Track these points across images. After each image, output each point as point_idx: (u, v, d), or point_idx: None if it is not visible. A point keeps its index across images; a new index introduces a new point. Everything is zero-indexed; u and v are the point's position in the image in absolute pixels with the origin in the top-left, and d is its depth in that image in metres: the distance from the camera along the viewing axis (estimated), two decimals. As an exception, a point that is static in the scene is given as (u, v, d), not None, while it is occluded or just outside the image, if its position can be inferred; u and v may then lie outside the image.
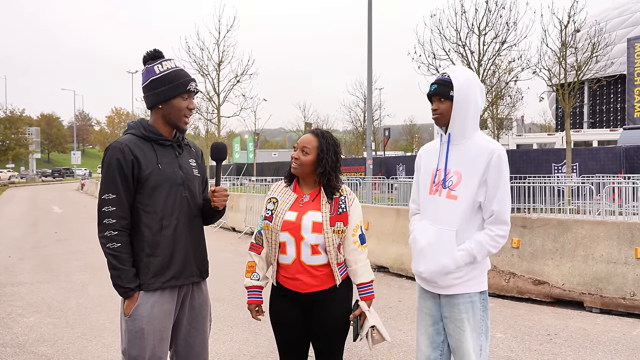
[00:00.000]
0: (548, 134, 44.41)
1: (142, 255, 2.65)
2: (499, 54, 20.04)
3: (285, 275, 2.87)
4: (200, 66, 24.57)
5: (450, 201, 2.74)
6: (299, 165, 2.89)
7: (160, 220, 2.66)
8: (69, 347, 5.15)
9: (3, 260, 10.24)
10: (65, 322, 6.01)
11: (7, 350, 5.11)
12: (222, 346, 5.16)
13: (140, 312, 2.61)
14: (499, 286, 6.93)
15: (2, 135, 51.69)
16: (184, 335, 2.83)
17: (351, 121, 54.91)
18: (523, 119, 61.72)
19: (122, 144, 2.63)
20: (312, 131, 2.95)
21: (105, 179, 2.63)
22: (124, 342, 2.66)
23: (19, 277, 8.65)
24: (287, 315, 2.91)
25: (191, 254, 2.78)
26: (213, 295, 7.00)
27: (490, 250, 2.69)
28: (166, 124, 2.79)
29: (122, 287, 2.59)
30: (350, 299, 2.95)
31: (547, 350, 4.91)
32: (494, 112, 41.04)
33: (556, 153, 22.14)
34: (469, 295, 2.74)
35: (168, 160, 2.74)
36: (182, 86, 2.75)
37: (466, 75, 2.76)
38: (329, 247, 2.81)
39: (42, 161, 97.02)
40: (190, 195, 2.79)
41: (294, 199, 2.91)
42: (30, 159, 72.65)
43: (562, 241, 6.64)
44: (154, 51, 2.79)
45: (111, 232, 2.59)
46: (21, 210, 23.51)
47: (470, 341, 2.73)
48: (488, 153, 2.68)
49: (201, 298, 2.88)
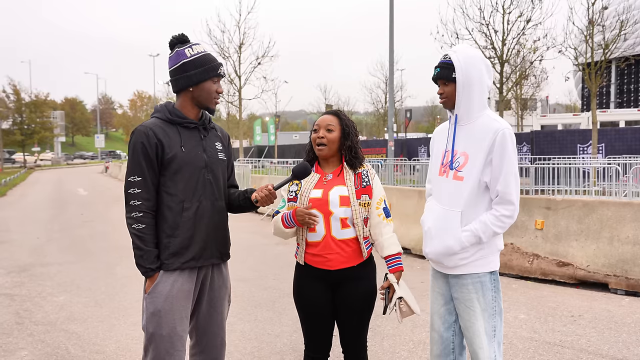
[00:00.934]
0: (573, 114, 43.65)
1: (162, 236, 2.70)
2: (523, 33, 19.67)
3: (314, 253, 2.89)
4: (221, 48, 24.60)
5: (456, 182, 2.74)
6: (326, 144, 2.91)
7: (181, 202, 2.71)
8: (98, 326, 5.28)
9: (32, 242, 10.50)
10: (94, 301, 6.16)
11: (39, 327, 5.26)
12: (247, 325, 5.25)
13: (159, 290, 2.68)
14: (523, 268, 6.90)
15: (27, 119, 52.40)
16: (203, 315, 2.89)
17: (372, 103, 54.58)
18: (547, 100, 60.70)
19: (146, 128, 2.68)
20: (329, 112, 3.01)
21: (131, 162, 2.69)
22: (143, 319, 2.73)
23: (47, 257, 8.87)
24: (314, 294, 2.94)
25: (212, 236, 2.81)
26: (237, 276, 7.13)
27: (496, 230, 2.67)
28: (195, 106, 2.82)
29: (144, 267, 2.66)
30: (374, 275, 2.98)
31: (570, 332, 4.90)
32: (518, 93, 40.47)
33: (581, 134, 21.77)
34: (477, 276, 2.74)
35: (192, 144, 2.77)
36: (213, 70, 2.78)
37: (468, 55, 2.72)
38: (356, 220, 2.84)
39: (66, 144, 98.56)
40: (213, 178, 2.82)
41: (318, 178, 2.95)
42: (55, 142, 73.84)
43: (587, 223, 6.57)
44: (180, 35, 2.81)
45: (137, 214, 2.65)
46: (47, 192, 23.98)
47: (481, 321, 2.72)
48: (493, 132, 2.65)
49: (221, 280, 2.94)
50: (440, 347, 2.94)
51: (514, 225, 7.20)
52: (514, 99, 42.81)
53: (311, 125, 3.23)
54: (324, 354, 3.04)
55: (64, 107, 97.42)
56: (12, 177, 33.21)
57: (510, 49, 19.75)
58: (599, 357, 4.31)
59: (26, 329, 5.24)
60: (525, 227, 7.10)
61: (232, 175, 3.06)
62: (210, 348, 2.97)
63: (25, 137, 52.40)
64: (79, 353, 4.58)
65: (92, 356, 4.51)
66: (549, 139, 22.08)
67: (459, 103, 2.74)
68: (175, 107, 2.79)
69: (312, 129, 3.02)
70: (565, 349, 4.50)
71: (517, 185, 2.69)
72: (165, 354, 2.73)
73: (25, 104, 52.49)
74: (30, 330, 5.18)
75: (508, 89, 22.06)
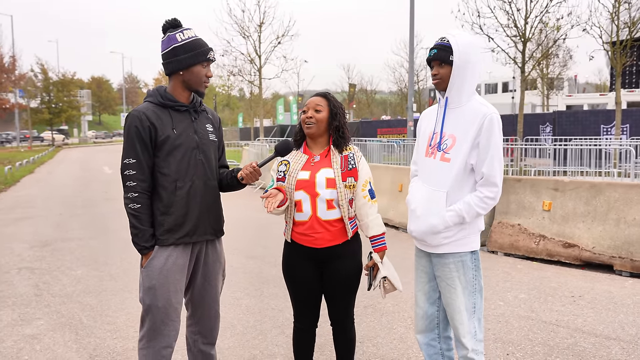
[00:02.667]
0: (600, 94, 42.66)
1: (157, 214, 2.87)
2: (547, 11, 19.27)
3: (301, 232, 3.03)
4: (241, 27, 24.65)
5: (443, 164, 2.83)
6: (314, 123, 3.02)
7: (174, 182, 2.85)
8: (111, 298, 5.53)
9: (55, 218, 10.87)
10: (109, 275, 6.42)
11: (55, 299, 5.53)
12: (252, 300, 5.44)
13: (154, 265, 2.85)
14: (529, 248, 6.95)
15: (55, 98, 53.29)
16: (198, 288, 3.06)
17: (395, 82, 54.12)
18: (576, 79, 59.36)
19: (140, 112, 2.82)
20: (318, 94, 3.13)
21: (126, 145, 2.84)
22: (140, 292, 2.91)
23: (69, 233, 9.20)
24: (302, 270, 3.09)
25: (205, 213, 2.96)
26: (248, 254, 7.34)
27: (479, 211, 2.76)
28: (185, 90, 2.94)
29: (139, 244, 2.84)
30: (360, 253, 3.11)
31: (568, 311, 4.97)
32: (544, 72, 39.73)
33: (605, 114, 21.37)
34: (459, 255, 2.84)
35: (183, 126, 2.90)
36: (202, 54, 2.89)
37: (466, 40, 2.78)
38: (341, 202, 2.97)
39: (93, 123, 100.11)
40: (205, 159, 2.96)
41: (305, 160, 3.07)
42: (82, 121, 74.98)
43: (594, 204, 6.58)
44: (173, 20, 2.93)
45: (132, 194, 2.81)
46: (73, 170, 24.55)
47: (462, 298, 2.84)
48: (481, 117, 2.73)
49: (215, 255, 3.09)
50: (425, 322, 3.07)
51: (522, 207, 7.23)
52: (539, 78, 42.05)
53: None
54: (312, 326, 3.20)
55: (91, 86, 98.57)
56: (40, 155, 34.02)
57: (533, 28, 19.38)
58: (592, 336, 4.39)
59: (44, 300, 5.51)
60: (532, 208, 7.12)
61: (222, 156, 3.19)
62: (205, 319, 3.15)
63: (53, 116, 53.34)
64: (91, 323, 4.83)
65: (103, 327, 4.75)
66: (571, 119, 21.74)
67: (451, 86, 2.81)
68: (167, 90, 2.92)
69: (302, 110, 3.14)
70: (560, 327, 4.58)
71: (501, 168, 2.79)
72: (160, 323, 2.91)
73: (53, 83, 53.31)
74: (47, 302, 5.45)
75: (531, 68, 21.70)
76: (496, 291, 5.61)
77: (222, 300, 5.24)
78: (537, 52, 22.29)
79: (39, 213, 11.55)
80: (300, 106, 41.61)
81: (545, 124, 22.58)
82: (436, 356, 3.06)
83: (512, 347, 4.22)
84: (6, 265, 7.00)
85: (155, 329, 2.91)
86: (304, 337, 3.21)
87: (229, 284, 5.92)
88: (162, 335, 2.92)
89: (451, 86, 2.81)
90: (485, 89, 58.27)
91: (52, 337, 4.53)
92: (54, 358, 4.12)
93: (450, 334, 3.10)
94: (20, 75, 43.73)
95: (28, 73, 51.04)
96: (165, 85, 2.98)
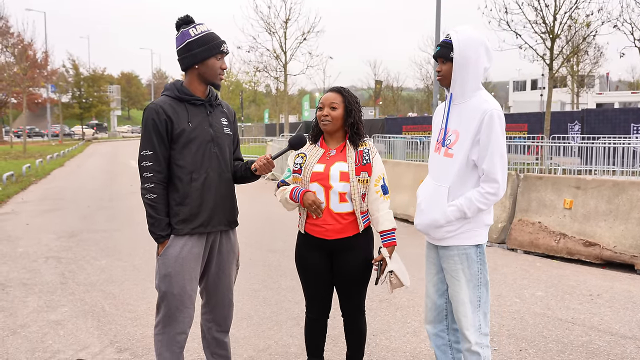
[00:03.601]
0: (632, 92, 41.71)
1: (173, 204, 2.96)
2: (576, 7, 18.94)
3: (313, 223, 3.10)
4: (267, 24, 24.80)
5: (447, 159, 2.87)
6: (330, 121, 3.08)
7: (190, 174, 2.94)
8: (133, 288, 5.68)
9: (83, 210, 11.14)
10: (132, 266, 6.58)
11: (80, 287, 5.71)
12: (270, 292, 5.53)
13: (169, 253, 2.94)
14: (549, 246, 6.89)
15: (85, 93, 54.34)
16: (212, 277, 3.16)
17: (422, 79, 53.83)
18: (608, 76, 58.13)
19: (157, 106, 2.91)
20: (332, 89, 3.16)
21: (143, 137, 2.94)
22: (156, 279, 3.01)
23: (95, 225, 9.43)
24: (314, 261, 3.16)
25: (219, 205, 3.05)
26: (269, 247, 7.44)
27: (480, 207, 2.79)
28: (201, 83, 3.03)
29: (156, 233, 2.93)
30: (371, 246, 3.17)
31: (585, 310, 4.94)
32: (574, 69, 38.97)
33: (636, 112, 20.97)
34: (463, 248, 2.87)
35: (199, 119, 2.99)
36: (216, 47, 2.97)
37: (468, 37, 2.80)
38: (354, 195, 3.03)
39: (122, 118, 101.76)
40: (219, 151, 3.05)
41: (322, 153, 3.13)
42: (112, 115, 76.32)
43: (616, 203, 6.50)
44: (185, 17, 3.02)
45: (149, 184, 2.91)
46: (102, 164, 25.06)
47: (466, 291, 2.87)
48: (482, 113, 2.76)
49: (229, 245, 3.18)
50: (433, 313, 3.12)
51: (543, 204, 7.18)
52: (569, 75, 41.30)
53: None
54: (322, 315, 3.27)
55: (120, 81, 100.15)
56: (70, 149, 34.78)
57: (562, 24, 19.08)
58: (607, 334, 4.37)
59: (69, 288, 5.70)
60: (553, 206, 7.06)
61: (237, 149, 3.27)
62: (219, 307, 3.24)
63: (84, 111, 54.40)
64: (113, 311, 4.98)
65: (124, 314, 4.89)
66: (600, 117, 21.36)
67: (454, 82, 2.85)
68: (183, 85, 3.01)
69: (318, 107, 3.19)
70: (576, 325, 4.56)
71: (503, 165, 2.80)
72: (175, 310, 3.01)
73: (84, 79, 54.35)
74: (72, 290, 5.63)
75: (559, 65, 21.34)
76: (513, 288, 5.60)
77: (240, 291, 5.40)
78: (567, 49, 21.89)
79: (68, 205, 11.85)
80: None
81: (574, 122, 22.22)
82: (444, 347, 3.11)
83: (525, 343, 4.22)
84: (34, 254, 7.23)
85: (170, 315, 3.01)
86: (315, 327, 3.28)
87: (248, 276, 6.02)
88: (176, 321, 3.02)
89: (454, 82, 2.85)
90: (514, 87, 57.48)
91: (75, 323, 4.69)
92: (76, 343, 4.27)
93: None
94: (52, 70, 44.61)
95: (60, 68, 52.02)
96: (182, 80, 3.07)
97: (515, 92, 56.23)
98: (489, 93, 2.92)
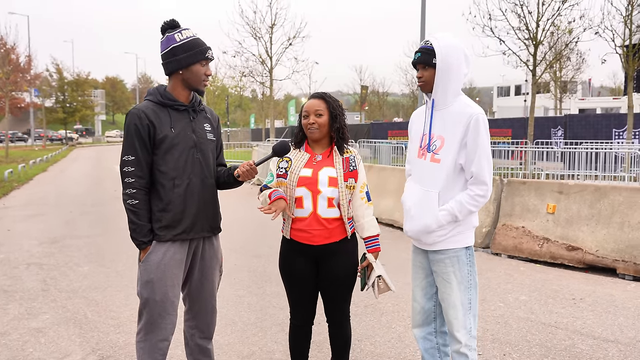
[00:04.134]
0: (614, 97, 42.29)
1: (155, 210, 2.93)
2: (559, 14, 19.16)
3: (299, 229, 3.09)
4: (253, 29, 24.77)
5: (434, 164, 2.89)
6: (317, 128, 3.08)
7: (172, 180, 2.92)
8: (116, 295, 5.62)
9: (66, 215, 11.02)
10: (115, 272, 6.52)
11: (62, 294, 5.64)
12: (254, 298, 5.50)
13: (151, 259, 2.92)
14: (532, 251, 6.95)
15: (69, 98, 53.90)
16: (195, 283, 3.13)
17: (407, 84, 54.09)
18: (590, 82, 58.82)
19: (139, 110, 2.89)
20: (315, 95, 3.15)
21: (125, 142, 2.91)
22: (138, 286, 2.98)
23: (78, 230, 9.33)
24: (299, 267, 3.15)
25: (202, 211, 3.03)
26: (253, 253, 7.41)
27: (471, 209, 2.83)
28: (185, 89, 3.01)
29: (137, 239, 2.91)
30: (356, 252, 3.17)
31: (568, 314, 4.98)
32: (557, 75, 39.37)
33: (617, 118, 21.23)
34: (454, 251, 2.90)
35: (182, 125, 2.97)
36: (201, 53, 2.96)
37: (448, 43, 2.83)
38: (342, 201, 3.04)
39: (107, 122, 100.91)
40: (202, 157, 3.03)
41: (307, 158, 3.12)
42: (96, 120, 75.82)
43: (598, 207, 6.57)
44: (171, 21, 3.00)
45: (131, 190, 2.88)
46: (86, 168, 24.81)
47: (457, 294, 2.89)
48: (467, 117, 2.79)
49: (212, 251, 3.16)
50: (422, 317, 3.13)
51: (527, 209, 7.24)
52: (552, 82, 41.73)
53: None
54: (307, 322, 3.25)
55: (105, 86, 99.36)
56: (54, 154, 34.41)
57: (545, 30, 19.29)
58: (590, 338, 4.40)
59: (50, 295, 5.62)
60: (537, 210, 7.12)
61: (220, 155, 3.26)
62: (202, 314, 3.22)
63: (68, 115, 53.93)
64: (95, 318, 4.92)
65: (107, 321, 4.84)
66: (583, 123, 21.62)
67: (436, 88, 2.87)
68: (166, 90, 2.99)
69: (302, 115, 3.17)
70: (559, 329, 4.60)
71: (490, 167, 2.85)
72: (157, 317, 2.98)
73: (68, 83, 53.96)
74: (54, 297, 5.55)
75: (542, 71, 21.56)
76: (497, 293, 5.63)
77: (224, 297, 5.37)
78: (549, 55, 22.14)
79: (50, 210, 11.71)
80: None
81: (557, 127, 22.46)
82: (432, 350, 3.12)
83: (509, 347, 4.24)
84: (15, 260, 7.13)
85: (152, 322, 2.98)
86: (299, 333, 3.27)
87: (233, 282, 5.99)
88: (159, 328, 2.99)
89: (436, 88, 2.87)
90: (498, 92, 58.01)
91: (57, 330, 4.63)
92: (58, 351, 4.21)
93: (446, 329, 3.14)
94: (35, 74, 44.10)
95: (43, 73, 51.48)
96: (165, 85, 3.05)
97: (500, 97, 56.72)
98: (472, 99, 2.95)
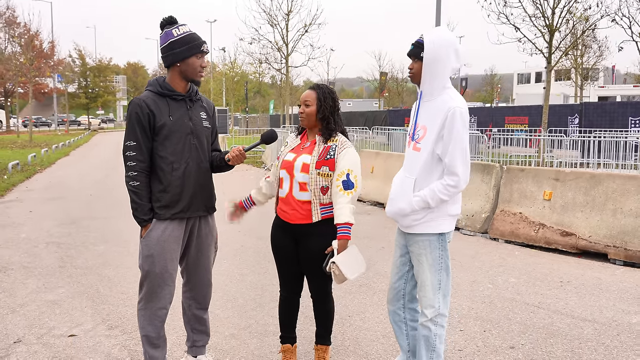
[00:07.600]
0: (634, 85, 41.61)
1: (155, 191, 3.26)
2: (575, 1, 19.02)
3: (281, 208, 3.43)
4: (269, 15, 24.99)
5: (415, 152, 3.14)
6: (305, 117, 3.37)
7: (171, 164, 3.23)
8: (127, 271, 6.00)
9: (85, 198, 11.49)
10: (128, 251, 6.90)
11: (77, 270, 6.04)
12: (256, 277, 5.83)
13: (152, 236, 3.24)
14: (528, 236, 7.16)
15: (91, 83, 54.72)
16: (192, 258, 3.46)
17: (426, 71, 53.61)
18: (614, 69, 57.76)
19: (140, 100, 3.20)
20: (310, 86, 3.46)
21: (127, 129, 3.22)
22: (140, 259, 3.30)
23: (95, 212, 9.77)
24: (283, 242, 3.48)
25: (198, 192, 3.34)
26: (259, 234, 7.73)
27: (442, 197, 3.03)
28: (182, 80, 3.30)
29: (139, 217, 3.24)
30: (329, 236, 3.33)
31: (553, 295, 5.21)
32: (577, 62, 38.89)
33: (634, 106, 21.04)
34: (426, 235, 3.13)
35: (179, 113, 3.27)
36: (197, 47, 3.25)
37: (438, 37, 3.04)
38: (310, 187, 3.31)
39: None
40: (198, 143, 3.33)
41: (297, 144, 3.44)
42: (118, 105, 76.80)
43: (592, 194, 6.75)
44: (169, 17, 3.30)
45: (132, 173, 3.20)
46: (106, 153, 25.38)
47: (427, 274, 3.15)
48: (446, 110, 3.00)
49: (207, 229, 3.47)
50: (392, 293, 3.42)
51: (524, 196, 7.44)
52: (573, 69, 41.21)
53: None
54: (293, 294, 3.58)
55: (127, 71, 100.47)
56: (76, 139, 35.17)
57: (561, 18, 19.17)
58: (569, 317, 4.64)
59: (67, 271, 6.02)
60: (534, 197, 7.32)
61: (215, 141, 3.56)
62: (198, 287, 3.54)
63: (90, 101, 54.80)
64: (106, 292, 5.30)
65: (117, 295, 5.21)
66: (599, 111, 21.46)
67: (423, 80, 3.11)
68: (165, 81, 3.29)
69: (298, 104, 3.49)
70: (540, 309, 4.84)
71: (464, 159, 3.00)
72: (157, 287, 3.31)
73: (90, 69, 54.70)
74: (69, 273, 5.95)
75: (558, 59, 21.42)
76: (488, 275, 5.88)
77: (229, 275, 5.72)
78: (565, 43, 21.97)
79: (71, 193, 12.19)
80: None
81: (574, 115, 22.34)
82: (400, 323, 3.40)
83: (490, 324, 4.50)
84: (35, 239, 7.57)
85: (152, 292, 3.31)
86: (286, 304, 3.60)
87: (238, 261, 6.33)
88: (158, 297, 3.32)
89: (423, 80, 3.11)
90: (518, 79, 57.35)
91: (71, 303, 5.01)
92: (70, 321, 4.59)
93: (416, 307, 3.41)
94: (58, 60, 44.98)
95: (66, 58, 52.38)
96: (164, 76, 3.35)
97: (520, 84, 56.12)
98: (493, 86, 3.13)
